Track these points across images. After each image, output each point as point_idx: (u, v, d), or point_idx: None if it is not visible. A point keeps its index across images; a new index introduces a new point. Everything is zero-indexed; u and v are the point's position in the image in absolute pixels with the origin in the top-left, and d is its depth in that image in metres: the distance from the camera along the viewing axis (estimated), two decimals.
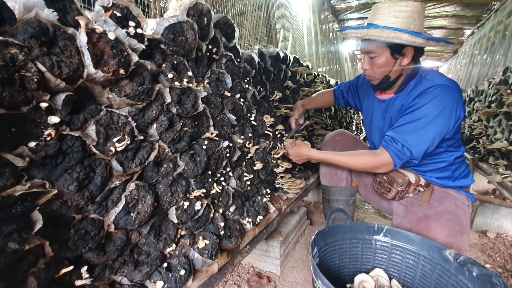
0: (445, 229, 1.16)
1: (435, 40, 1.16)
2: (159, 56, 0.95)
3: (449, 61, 10.97)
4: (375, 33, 1.17)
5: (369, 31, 1.18)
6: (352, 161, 1.35)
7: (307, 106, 1.87)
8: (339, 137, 1.60)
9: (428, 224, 1.20)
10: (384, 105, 1.43)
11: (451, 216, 1.20)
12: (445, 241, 1.14)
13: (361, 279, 1.13)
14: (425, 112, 1.17)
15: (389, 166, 1.26)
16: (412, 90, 1.27)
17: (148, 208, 0.86)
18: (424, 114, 1.17)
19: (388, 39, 1.16)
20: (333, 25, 6.60)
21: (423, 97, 1.20)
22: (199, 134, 1.12)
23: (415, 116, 1.20)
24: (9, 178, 0.55)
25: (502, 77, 2.81)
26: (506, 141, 2.45)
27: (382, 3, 1.22)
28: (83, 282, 0.70)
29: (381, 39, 1.18)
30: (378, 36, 1.17)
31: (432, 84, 1.19)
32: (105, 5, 0.77)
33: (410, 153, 1.19)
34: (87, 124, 0.73)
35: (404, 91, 1.32)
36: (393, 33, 1.14)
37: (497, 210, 2.32)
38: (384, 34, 1.15)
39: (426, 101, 1.18)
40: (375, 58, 1.26)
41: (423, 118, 1.17)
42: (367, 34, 1.19)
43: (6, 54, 0.54)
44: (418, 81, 1.27)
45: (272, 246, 1.70)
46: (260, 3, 3.09)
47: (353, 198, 1.62)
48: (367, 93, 1.60)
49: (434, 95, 1.17)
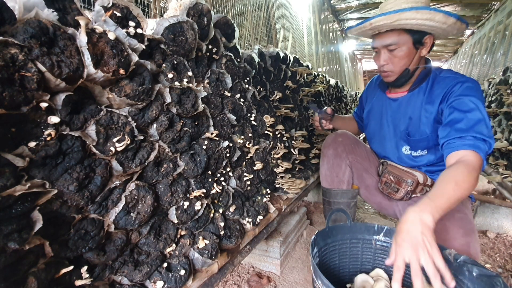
0: (461, 228, 1.13)
1: (462, 21, 1.11)
2: (159, 56, 0.95)
3: (449, 61, 10.97)
4: (408, 16, 1.08)
5: (401, 14, 1.08)
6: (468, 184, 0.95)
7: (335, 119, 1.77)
8: (341, 138, 1.58)
9: (443, 224, 1.16)
10: (396, 103, 1.38)
11: (462, 214, 1.18)
12: (462, 240, 1.10)
13: (361, 279, 1.13)
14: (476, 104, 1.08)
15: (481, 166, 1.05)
16: (433, 88, 1.23)
17: (148, 208, 0.86)
18: (476, 106, 1.08)
19: (421, 21, 1.07)
20: (333, 25, 6.60)
21: (462, 88, 1.13)
22: (199, 134, 1.12)
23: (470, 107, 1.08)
24: (9, 178, 0.55)
25: (502, 77, 2.81)
26: (506, 141, 2.45)
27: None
28: (83, 282, 0.70)
29: (413, 22, 1.09)
30: (412, 18, 1.07)
31: (460, 79, 1.17)
32: (105, 5, 0.77)
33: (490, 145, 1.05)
34: (87, 124, 0.73)
35: (419, 88, 1.28)
36: (428, 13, 1.06)
37: (497, 210, 2.32)
38: (418, 15, 1.06)
39: (470, 92, 1.11)
40: (396, 51, 1.19)
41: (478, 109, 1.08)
42: (400, 18, 1.09)
43: (6, 54, 0.54)
44: (434, 78, 1.25)
45: (272, 246, 1.70)
46: (260, 3, 3.09)
47: (354, 200, 1.61)
48: (373, 94, 1.57)
49: (472, 91, 1.12)
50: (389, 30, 1.18)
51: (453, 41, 8.51)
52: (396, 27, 1.15)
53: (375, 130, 1.55)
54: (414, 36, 1.17)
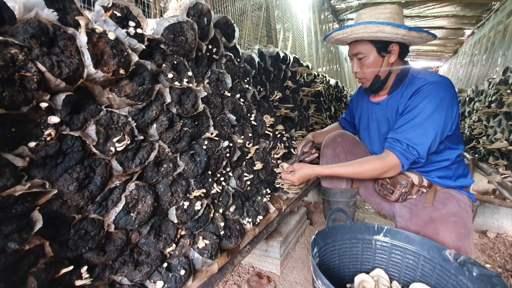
0: (453, 233, 1.15)
1: (416, 30, 1.19)
2: (159, 56, 0.95)
3: (449, 61, 10.97)
4: (359, 30, 1.21)
5: (353, 29, 1.23)
6: (359, 169, 1.31)
7: (317, 139, 1.80)
8: (340, 139, 1.59)
9: (435, 228, 1.19)
10: (378, 107, 1.43)
11: (457, 218, 1.19)
12: (453, 244, 1.13)
13: (361, 279, 1.13)
14: (422, 109, 1.19)
15: (398, 168, 1.25)
16: (406, 89, 1.29)
17: (148, 208, 0.86)
18: (421, 111, 1.19)
19: (372, 33, 1.19)
20: (333, 25, 6.60)
21: (418, 95, 1.21)
22: (199, 134, 1.12)
23: (413, 114, 1.21)
24: (9, 178, 0.55)
25: (502, 77, 2.81)
26: (506, 141, 2.45)
27: (364, 9, 1.30)
28: (83, 282, 0.70)
29: (365, 36, 1.22)
30: (363, 32, 1.21)
31: (425, 82, 1.21)
32: (105, 5, 0.77)
33: (417, 152, 1.19)
34: (87, 124, 0.73)
35: (397, 91, 1.34)
36: (376, 27, 1.18)
37: (497, 210, 2.32)
38: (367, 29, 1.19)
39: (422, 99, 1.19)
40: (364, 59, 1.30)
41: (420, 114, 1.19)
42: (352, 32, 1.23)
43: (6, 54, 0.54)
44: (410, 80, 1.30)
45: (272, 246, 1.70)
46: (260, 3, 3.09)
47: (354, 199, 1.61)
48: (361, 99, 1.62)
49: (428, 92, 1.19)
50: (354, 41, 1.30)
51: (453, 41, 8.50)
52: (352, 40, 1.30)
53: (365, 134, 1.60)
54: (378, 46, 1.26)
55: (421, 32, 1.21)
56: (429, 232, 1.20)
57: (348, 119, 1.85)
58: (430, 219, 1.24)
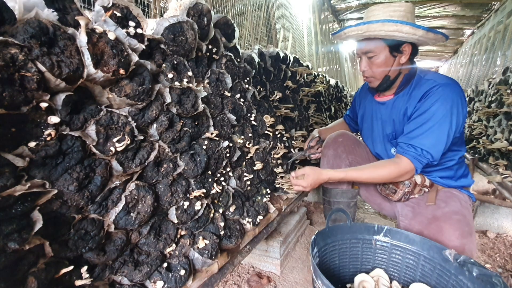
0: (457, 230, 1.15)
1: (434, 32, 1.17)
2: (159, 56, 0.95)
3: (449, 61, 10.97)
4: (376, 28, 1.17)
5: (369, 26, 1.18)
6: (375, 174, 1.27)
7: (323, 135, 1.81)
8: (341, 139, 1.58)
9: (439, 226, 1.19)
10: (384, 107, 1.42)
11: (460, 216, 1.19)
12: (457, 242, 1.13)
13: (361, 279, 1.13)
14: (434, 112, 1.17)
15: (412, 172, 1.25)
16: (414, 91, 1.27)
17: (148, 208, 0.86)
18: (433, 114, 1.17)
19: (389, 32, 1.15)
20: (333, 25, 6.60)
21: (428, 98, 1.20)
22: (199, 134, 1.12)
23: (425, 118, 1.19)
24: (9, 178, 0.55)
25: (502, 77, 2.81)
26: (506, 141, 2.45)
27: (375, 6, 1.25)
28: (83, 282, 0.70)
29: (381, 34, 1.18)
30: (379, 30, 1.16)
31: (435, 83, 1.20)
32: (105, 5, 0.77)
33: (431, 156, 1.18)
34: (87, 124, 0.73)
35: (404, 91, 1.32)
36: (394, 26, 1.13)
37: (497, 210, 2.32)
38: (385, 27, 1.15)
39: (433, 101, 1.18)
40: (374, 58, 1.27)
41: (433, 118, 1.17)
42: (368, 30, 1.19)
43: (6, 54, 0.54)
44: (418, 81, 1.28)
45: (272, 246, 1.70)
46: (260, 3, 3.08)
47: (354, 200, 1.61)
48: (365, 98, 1.59)
49: (439, 95, 1.17)
50: (366, 38, 1.25)
51: (453, 41, 8.50)
52: (365, 37, 1.24)
53: (367, 133, 1.59)
54: (391, 45, 1.22)
55: (437, 34, 1.18)
56: (433, 230, 1.20)
57: (351, 116, 1.84)
58: (433, 218, 1.24)
